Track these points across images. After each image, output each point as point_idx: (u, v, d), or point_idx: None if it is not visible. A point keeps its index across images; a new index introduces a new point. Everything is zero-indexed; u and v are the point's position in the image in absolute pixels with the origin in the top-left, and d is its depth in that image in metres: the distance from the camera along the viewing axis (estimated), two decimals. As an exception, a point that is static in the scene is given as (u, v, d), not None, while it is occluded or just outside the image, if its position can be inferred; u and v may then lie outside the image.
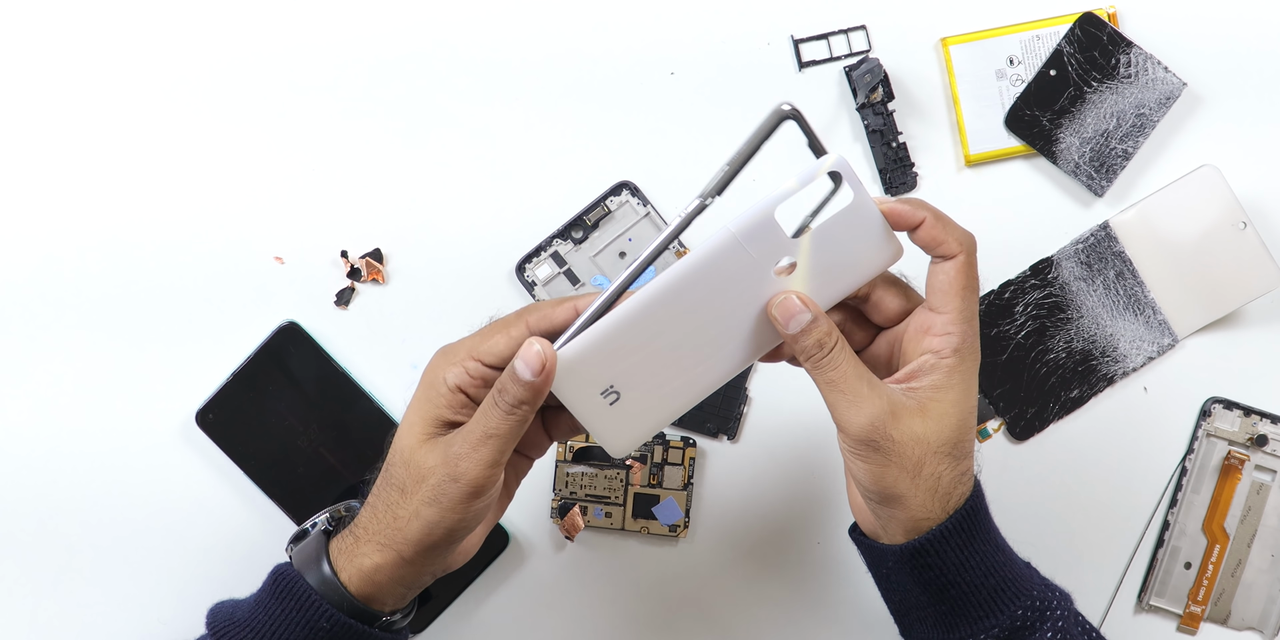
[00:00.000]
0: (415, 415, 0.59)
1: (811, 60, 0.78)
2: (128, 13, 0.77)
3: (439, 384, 0.59)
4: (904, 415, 0.57)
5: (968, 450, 0.59)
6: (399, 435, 0.60)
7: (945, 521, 0.58)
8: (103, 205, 0.77)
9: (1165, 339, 0.78)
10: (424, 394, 0.59)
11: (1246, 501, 0.78)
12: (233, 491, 0.77)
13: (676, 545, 0.78)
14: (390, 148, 0.78)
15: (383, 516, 0.59)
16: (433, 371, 0.59)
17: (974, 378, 0.59)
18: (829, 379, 0.58)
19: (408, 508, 0.58)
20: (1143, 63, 0.77)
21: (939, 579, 0.60)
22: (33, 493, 0.77)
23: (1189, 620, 0.78)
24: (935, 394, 0.58)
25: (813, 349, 0.58)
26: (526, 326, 0.59)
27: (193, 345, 0.77)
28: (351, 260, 0.77)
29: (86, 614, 0.77)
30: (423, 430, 0.59)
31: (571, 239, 0.77)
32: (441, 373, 0.59)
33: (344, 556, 0.60)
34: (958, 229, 0.58)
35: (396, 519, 0.59)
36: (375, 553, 0.59)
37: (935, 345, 0.58)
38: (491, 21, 0.78)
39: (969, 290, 0.58)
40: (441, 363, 0.59)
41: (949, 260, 0.58)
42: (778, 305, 0.58)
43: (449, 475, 0.58)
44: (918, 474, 0.58)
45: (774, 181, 0.69)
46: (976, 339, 0.59)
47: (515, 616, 0.78)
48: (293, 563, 0.61)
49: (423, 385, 0.60)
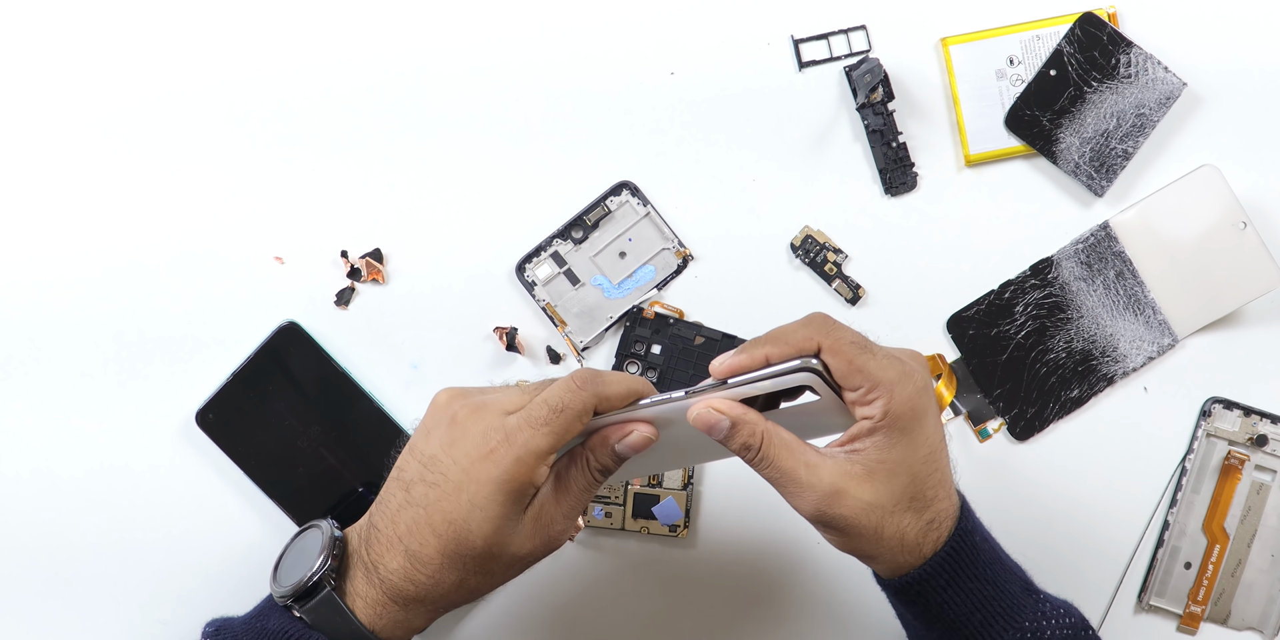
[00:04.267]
0: (500, 520, 0.57)
1: (811, 60, 0.78)
2: (130, 14, 0.77)
3: (529, 488, 0.58)
4: (851, 487, 0.57)
5: (931, 497, 0.59)
6: (475, 534, 0.57)
7: (922, 566, 0.59)
8: (103, 206, 0.77)
9: (1165, 339, 0.78)
10: (505, 496, 0.57)
11: (1246, 501, 0.78)
12: (233, 491, 0.77)
13: (676, 545, 0.78)
14: (390, 148, 0.78)
15: (454, 595, 0.59)
16: (513, 474, 0.57)
17: (924, 423, 0.58)
18: (766, 476, 0.59)
19: (493, 584, 0.60)
20: (1143, 63, 0.77)
21: (925, 612, 0.60)
22: (33, 492, 0.77)
23: (1189, 620, 0.78)
24: (879, 455, 0.57)
25: (741, 451, 0.58)
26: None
27: (193, 345, 0.77)
28: (351, 260, 0.77)
29: (86, 614, 0.77)
30: (510, 526, 0.58)
31: (571, 239, 0.77)
32: (529, 476, 0.57)
33: (391, 625, 0.59)
34: (799, 335, 0.58)
35: (475, 593, 0.60)
36: (433, 613, 0.60)
37: (866, 412, 0.57)
38: (492, 22, 0.78)
39: (863, 349, 0.57)
40: (518, 464, 0.57)
41: (823, 354, 0.57)
42: (695, 417, 0.58)
43: (547, 549, 0.59)
44: (879, 538, 0.58)
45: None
46: (911, 382, 0.57)
47: (515, 616, 0.78)
48: (309, 623, 0.59)
49: (497, 486, 0.57)
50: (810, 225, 0.78)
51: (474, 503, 0.57)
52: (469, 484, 0.57)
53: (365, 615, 0.58)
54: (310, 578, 0.58)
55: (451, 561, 0.58)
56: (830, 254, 0.78)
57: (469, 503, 0.57)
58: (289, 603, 0.59)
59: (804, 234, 0.78)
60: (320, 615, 0.58)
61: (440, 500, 0.57)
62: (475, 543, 0.57)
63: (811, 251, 0.78)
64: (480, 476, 0.57)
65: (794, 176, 0.78)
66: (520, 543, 0.58)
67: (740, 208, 0.78)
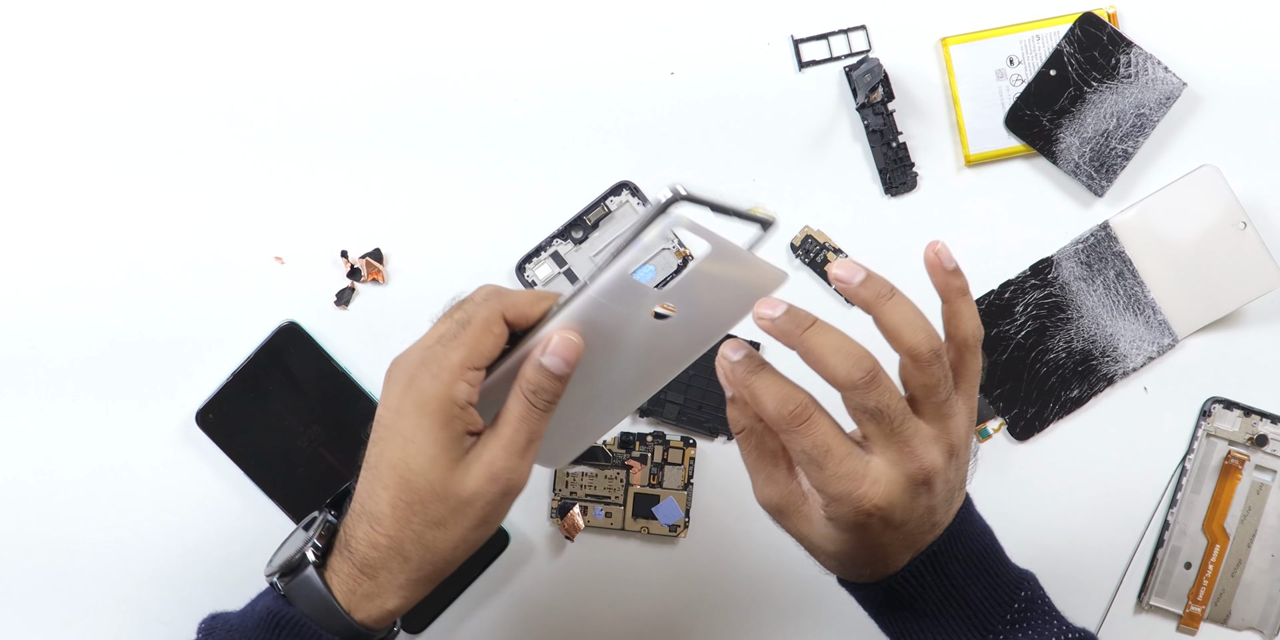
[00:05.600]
0: (433, 447, 0.56)
1: (811, 60, 0.78)
2: (130, 14, 0.77)
3: (449, 406, 0.56)
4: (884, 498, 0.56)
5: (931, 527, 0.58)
6: (415, 471, 0.56)
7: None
8: (103, 206, 0.77)
9: (1165, 339, 0.78)
10: (432, 421, 0.56)
11: (1246, 501, 0.78)
12: (233, 491, 0.77)
13: (676, 545, 0.78)
14: (390, 148, 0.78)
15: (414, 555, 0.57)
16: (432, 395, 0.56)
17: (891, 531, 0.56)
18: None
19: (450, 538, 0.57)
20: (1143, 63, 0.77)
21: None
22: (33, 492, 0.77)
23: (1189, 620, 0.79)
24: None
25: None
26: (506, 322, 0.57)
27: (193, 345, 0.77)
28: (351, 260, 0.77)
29: (86, 614, 0.77)
30: (446, 459, 0.56)
31: (571, 239, 0.77)
32: (446, 394, 0.56)
33: (361, 598, 0.58)
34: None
35: (436, 552, 0.57)
36: (403, 590, 0.58)
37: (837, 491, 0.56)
38: (492, 23, 0.78)
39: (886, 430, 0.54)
40: (436, 384, 0.56)
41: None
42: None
43: (502, 492, 0.56)
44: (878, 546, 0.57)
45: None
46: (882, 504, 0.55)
47: (515, 616, 0.78)
48: (285, 596, 0.59)
49: (424, 411, 0.56)
50: (810, 225, 0.78)
51: (407, 438, 0.56)
52: (400, 422, 0.56)
53: (340, 591, 0.58)
54: (294, 556, 0.59)
55: (401, 513, 0.57)
56: (830, 254, 0.78)
57: (403, 440, 0.56)
58: (275, 580, 0.60)
59: (804, 234, 0.78)
60: (299, 591, 0.59)
61: (383, 451, 0.57)
62: (418, 483, 0.56)
63: (811, 251, 0.78)
64: (407, 409, 0.56)
65: (794, 176, 0.78)
66: (462, 480, 0.56)
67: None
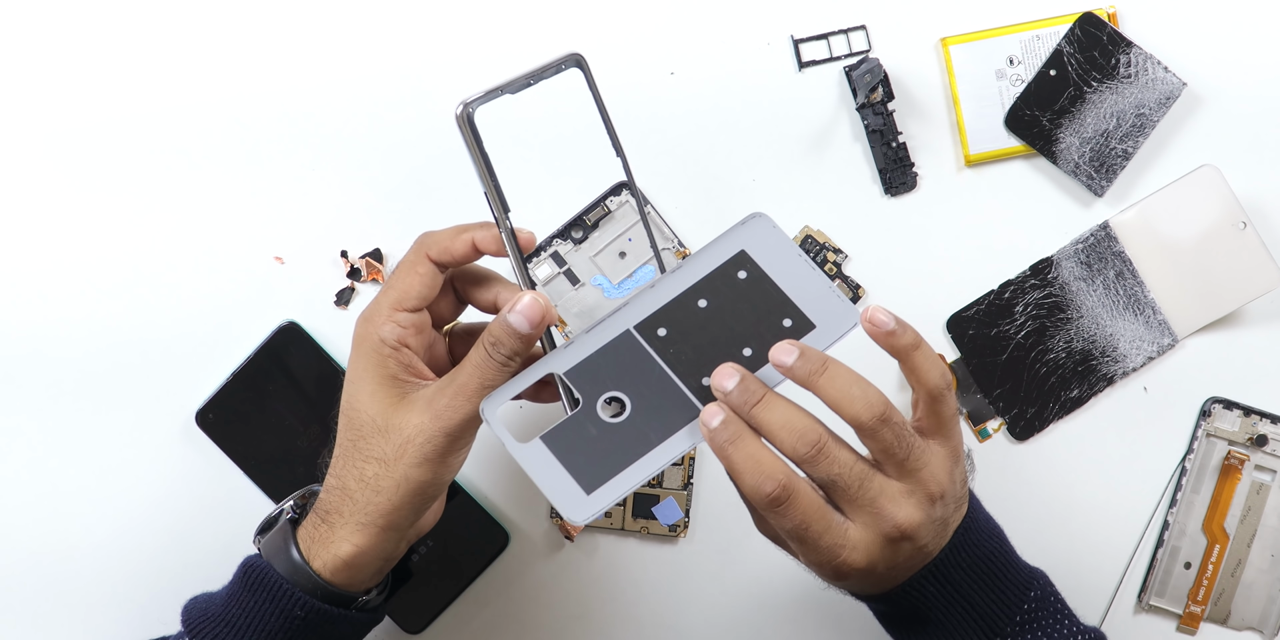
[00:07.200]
0: (370, 383, 0.59)
1: (811, 60, 0.78)
2: (129, 15, 0.77)
3: (379, 346, 0.59)
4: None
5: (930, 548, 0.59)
6: (357, 408, 0.59)
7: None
8: (103, 206, 0.77)
9: (1165, 339, 0.78)
10: (367, 360, 0.59)
11: (1246, 501, 0.78)
12: (233, 491, 0.77)
13: (676, 545, 0.78)
14: (390, 147, 0.78)
15: (359, 494, 0.59)
16: (365, 337, 0.60)
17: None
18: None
19: (393, 476, 0.58)
20: (1143, 63, 0.77)
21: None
22: (33, 492, 0.77)
23: (1189, 620, 0.79)
24: None
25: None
26: (430, 260, 0.60)
27: (193, 345, 0.77)
28: (351, 260, 0.77)
29: (86, 613, 0.77)
30: (385, 395, 0.59)
31: (571, 239, 0.77)
32: (375, 334, 0.59)
33: (317, 545, 0.60)
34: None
35: (379, 492, 0.58)
36: (354, 535, 0.59)
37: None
38: (490, 22, 0.78)
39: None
40: (368, 326, 0.60)
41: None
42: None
43: (442, 430, 0.57)
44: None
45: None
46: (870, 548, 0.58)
47: (515, 616, 0.78)
48: (261, 554, 0.61)
49: (360, 353, 0.60)
50: (810, 225, 0.78)
51: (350, 379, 0.60)
52: (349, 369, 0.60)
53: (302, 540, 0.61)
54: (273, 514, 0.63)
55: (346, 451, 0.59)
56: (830, 254, 0.78)
57: (349, 382, 0.60)
58: (255, 537, 0.63)
59: (804, 234, 0.78)
60: (270, 545, 0.62)
61: (342, 402, 0.60)
62: (359, 419, 0.59)
63: (811, 251, 0.78)
64: (352, 356, 0.60)
65: (794, 176, 0.78)
66: (405, 415, 0.58)
67: (740, 208, 0.78)
